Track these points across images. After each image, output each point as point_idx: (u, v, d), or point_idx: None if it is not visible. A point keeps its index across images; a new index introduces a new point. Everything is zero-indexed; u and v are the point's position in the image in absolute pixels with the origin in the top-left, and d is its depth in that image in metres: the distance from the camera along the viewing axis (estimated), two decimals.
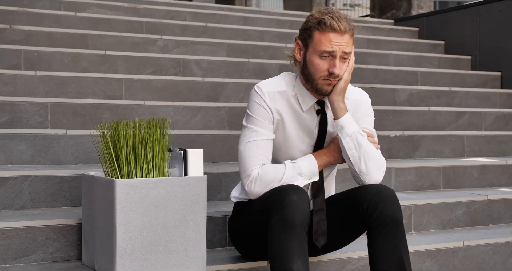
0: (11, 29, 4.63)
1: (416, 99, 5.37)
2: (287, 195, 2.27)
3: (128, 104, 3.88)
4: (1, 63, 4.22)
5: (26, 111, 3.58)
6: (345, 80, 2.46)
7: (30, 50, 4.32)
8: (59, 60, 4.40)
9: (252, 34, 6.00)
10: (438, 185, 4.00)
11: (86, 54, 4.50)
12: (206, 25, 5.81)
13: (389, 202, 2.35)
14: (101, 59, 4.54)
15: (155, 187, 2.36)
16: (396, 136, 4.34)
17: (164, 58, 4.77)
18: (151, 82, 4.33)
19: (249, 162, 2.42)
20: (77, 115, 3.71)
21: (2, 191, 2.86)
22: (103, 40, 4.94)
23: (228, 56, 5.38)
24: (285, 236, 2.23)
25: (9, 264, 2.56)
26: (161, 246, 2.37)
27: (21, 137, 3.24)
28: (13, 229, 2.58)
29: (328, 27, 2.39)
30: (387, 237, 2.34)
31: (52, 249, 2.63)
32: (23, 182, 2.90)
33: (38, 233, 2.61)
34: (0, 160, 3.20)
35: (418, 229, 3.48)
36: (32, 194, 2.91)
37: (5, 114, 3.53)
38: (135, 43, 5.07)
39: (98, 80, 4.15)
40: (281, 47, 5.66)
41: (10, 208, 2.88)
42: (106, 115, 3.79)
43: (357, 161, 2.43)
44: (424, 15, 7.42)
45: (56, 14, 5.22)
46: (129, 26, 5.47)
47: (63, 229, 2.65)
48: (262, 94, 2.48)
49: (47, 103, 3.64)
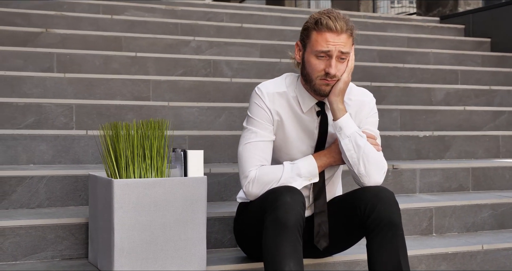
0: (46, 32, 4.76)
1: (454, 98, 5.25)
2: (280, 196, 2.27)
3: (152, 105, 3.93)
4: (35, 66, 4.34)
5: (52, 113, 3.68)
6: (344, 81, 2.43)
7: (62, 53, 4.44)
8: (90, 63, 4.50)
9: (288, 34, 5.99)
10: (467, 187, 3.90)
11: (117, 56, 4.59)
12: (242, 26, 5.84)
13: (386, 204, 2.31)
14: (132, 61, 4.62)
15: (153, 187, 2.39)
16: (425, 136, 4.26)
17: (195, 59, 4.82)
18: (178, 83, 4.38)
19: (247, 163, 2.43)
20: (102, 116, 3.78)
21: (19, 190, 2.95)
22: (136, 42, 5.03)
23: (261, 56, 5.39)
24: (278, 237, 2.22)
25: (19, 261, 2.64)
26: (159, 245, 2.40)
27: (43, 138, 3.33)
28: (23, 227, 2.65)
29: (324, 26, 2.37)
30: (384, 239, 2.30)
31: (62, 247, 2.70)
32: (39, 182, 2.98)
33: (48, 231, 2.68)
34: (22, 160, 3.30)
35: (439, 231, 3.40)
36: (48, 193, 2.99)
37: (32, 115, 3.64)
38: (168, 44, 5.14)
39: (126, 82, 4.23)
40: None
41: (27, 207, 2.96)
42: (130, 116, 3.85)
43: (355, 162, 2.40)
44: (471, 12, 7.25)
45: (93, 17, 5.34)
46: (165, 28, 5.54)
47: (72, 227, 2.72)
48: (261, 96, 2.48)
49: (72, 105, 3.73)
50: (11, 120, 3.59)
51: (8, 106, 3.60)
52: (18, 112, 3.61)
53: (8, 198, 2.93)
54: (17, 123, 3.59)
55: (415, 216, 3.35)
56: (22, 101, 3.64)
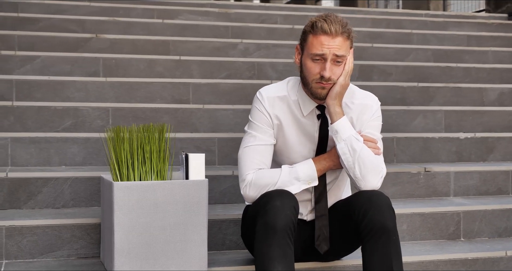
0: (96, 38, 4.94)
1: (508, 98, 5.06)
2: (270, 200, 2.28)
3: (187, 108, 4.01)
4: (82, 70, 4.52)
5: (89, 116, 3.83)
6: (340, 84, 2.41)
7: (108, 57, 4.59)
8: (135, 67, 4.63)
9: None
10: (506, 191, 3.76)
11: (161, 60, 4.71)
12: (293, 28, 5.84)
13: (379, 209, 2.28)
14: (176, 64, 4.72)
15: (153, 190, 2.45)
16: (466, 138, 4.13)
17: (239, 62, 4.87)
18: (219, 86, 4.44)
19: (244, 167, 2.45)
20: (137, 119, 3.90)
21: (45, 190, 3.09)
22: (184, 45, 5.14)
23: None
24: (267, 241, 2.24)
25: (36, 259, 2.77)
26: (159, 246, 2.46)
27: (74, 140, 3.47)
28: (40, 226, 2.78)
29: (320, 29, 2.36)
30: (377, 244, 2.27)
31: (77, 246, 2.81)
32: (64, 183, 3.11)
33: (64, 230, 2.81)
34: (54, 162, 3.45)
35: (468, 236, 3.30)
36: (72, 194, 3.12)
37: (69, 119, 3.80)
38: (216, 47, 5.21)
39: (166, 85, 4.34)
40: (367, 47, 5.57)
41: (52, 207, 3.10)
42: (166, 119, 3.95)
43: (351, 166, 2.38)
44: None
45: (144, 22, 5.49)
46: (216, 31, 5.63)
47: (88, 227, 2.83)
48: (262, 100, 2.50)
49: (109, 108, 3.87)
50: (49, 123, 3.76)
51: (47, 110, 3.77)
52: (57, 116, 3.78)
53: (34, 198, 3.08)
54: (55, 126, 3.76)
55: (441, 220, 3.27)
56: (60, 105, 3.81)
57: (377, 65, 5.20)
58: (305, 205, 2.58)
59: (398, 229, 3.15)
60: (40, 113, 3.76)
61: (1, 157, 3.39)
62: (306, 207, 2.58)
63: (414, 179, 3.61)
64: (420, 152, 4.02)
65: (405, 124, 4.40)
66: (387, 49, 5.64)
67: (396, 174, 3.58)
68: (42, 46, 4.79)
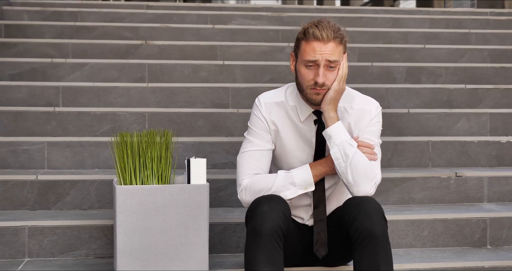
0: (146, 44, 5.11)
1: None
2: (259, 204, 2.32)
3: (222, 112, 4.09)
4: (128, 76, 4.69)
5: (126, 121, 3.98)
6: (334, 90, 2.41)
7: (153, 63, 4.74)
8: (179, 72, 4.76)
9: (394, 36, 5.87)
10: None
11: (205, 65, 4.81)
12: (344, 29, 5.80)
13: (367, 215, 2.27)
14: (220, 69, 4.82)
15: (153, 194, 2.54)
16: (509, 141, 4.00)
17: (282, 65, 4.91)
18: (258, 90, 4.47)
19: (241, 172, 2.49)
20: (173, 124, 4.01)
21: (72, 192, 3.25)
22: (231, 50, 5.22)
23: (359, 60, 5.34)
24: (254, 245, 2.27)
25: (57, 257, 2.92)
26: (160, 248, 2.55)
27: (107, 144, 3.62)
28: (60, 226, 2.94)
29: (311, 36, 2.38)
30: (365, 251, 2.26)
31: (95, 246, 2.95)
32: (90, 185, 3.26)
33: (82, 231, 2.95)
34: (88, 165, 3.62)
35: (495, 244, 3.21)
36: (98, 196, 3.26)
37: (108, 123, 3.96)
38: (263, 51, 5.27)
39: (206, 90, 4.43)
40: (419, 49, 5.47)
41: (79, 208, 3.26)
42: (200, 123, 4.05)
43: (343, 171, 2.38)
44: None
45: (195, 28, 5.61)
46: (265, 35, 5.68)
47: (105, 228, 2.95)
48: (259, 106, 2.54)
49: (145, 113, 4.00)
50: (89, 128, 3.93)
51: (87, 115, 3.95)
52: (95, 121, 3.95)
53: (62, 199, 3.24)
54: (94, 131, 3.93)
55: (465, 226, 3.19)
56: (99, 110, 3.97)
57: (427, 67, 5.10)
58: (306, 210, 2.59)
59: (418, 235, 3.14)
60: (80, 118, 3.94)
61: (38, 160, 3.58)
62: (307, 212, 2.60)
63: (444, 184, 3.53)
64: (457, 156, 3.93)
65: (447, 127, 4.30)
66: (440, 50, 5.52)
67: (424, 179, 3.52)
68: (93, 54, 5.00)
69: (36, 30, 5.37)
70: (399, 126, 4.23)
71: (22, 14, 5.74)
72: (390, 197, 3.49)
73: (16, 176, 3.25)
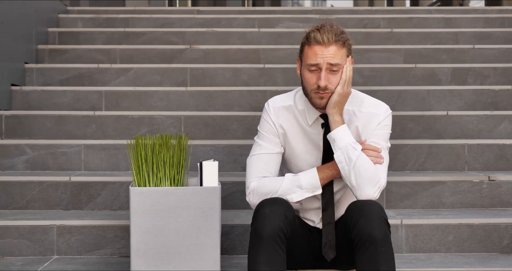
0: (190, 49, 5.22)
1: None
2: (261, 207, 2.35)
3: (256, 115, 4.14)
4: (171, 81, 4.81)
5: (163, 124, 4.08)
6: (338, 94, 2.42)
7: (195, 67, 4.84)
8: (221, 76, 4.84)
9: (444, 36, 5.76)
10: None
11: (246, 69, 4.87)
12: (392, 31, 5.75)
13: (367, 219, 2.27)
14: (260, 72, 4.87)
15: (166, 196, 2.62)
16: None
17: None
18: None
19: (249, 175, 2.54)
20: (208, 127, 4.10)
21: (103, 193, 3.37)
22: (274, 53, 5.26)
23: (404, 62, 5.28)
24: (255, 248, 2.31)
25: (83, 256, 3.05)
26: (173, 249, 2.62)
27: None
28: (87, 226, 3.06)
29: (313, 39, 2.41)
30: (365, 255, 2.26)
31: (119, 245, 3.05)
32: (120, 186, 3.38)
33: (108, 230, 3.06)
34: (122, 167, 3.74)
35: None
36: (127, 197, 3.35)
37: (145, 126, 4.08)
38: None
39: (244, 93, 4.49)
40: (467, 49, 5.35)
41: (110, 208, 3.38)
42: (235, 126, 4.11)
43: (347, 174, 2.39)
44: None
45: (241, 32, 5.68)
46: None
47: (128, 228, 3.03)
48: (268, 110, 2.58)
49: (181, 116, 4.10)
50: (127, 131, 4.06)
51: (125, 119, 4.08)
52: (134, 124, 4.07)
53: (94, 200, 3.37)
54: (132, 134, 4.04)
55: (493, 232, 3.12)
56: (137, 114, 4.10)
57: (474, 67, 4.98)
58: (317, 212, 2.61)
59: (443, 240, 3.10)
60: (118, 122, 4.07)
61: (76, 162, 3.73)
62: (317, 214, 2.61)
63: (476, 188, 3.46)
64: (495, 159, 3.84)
65: (489, 130, 4.20)
66: (491, 50, 5.38)
67: (455, 183, 3.46)
68: (139, 59, 5.15)
69: (88, 37, 5.57)
70: (437, 129, 4.16)
71: (77, 21, 5.96)
72: (419, 200, 3.45)
73: (50, 177, 3.40)
